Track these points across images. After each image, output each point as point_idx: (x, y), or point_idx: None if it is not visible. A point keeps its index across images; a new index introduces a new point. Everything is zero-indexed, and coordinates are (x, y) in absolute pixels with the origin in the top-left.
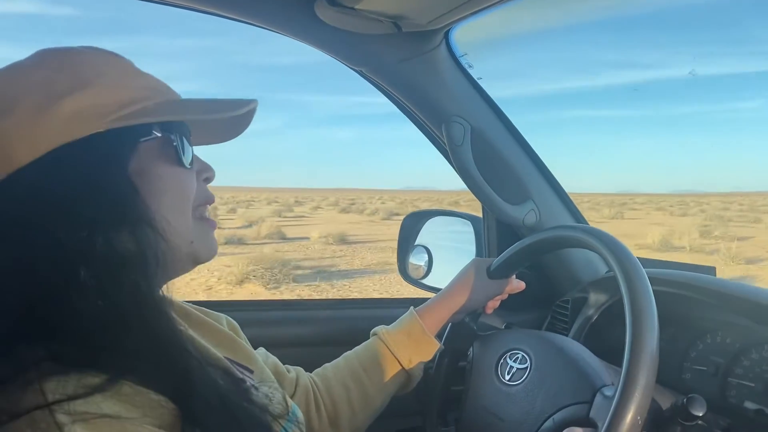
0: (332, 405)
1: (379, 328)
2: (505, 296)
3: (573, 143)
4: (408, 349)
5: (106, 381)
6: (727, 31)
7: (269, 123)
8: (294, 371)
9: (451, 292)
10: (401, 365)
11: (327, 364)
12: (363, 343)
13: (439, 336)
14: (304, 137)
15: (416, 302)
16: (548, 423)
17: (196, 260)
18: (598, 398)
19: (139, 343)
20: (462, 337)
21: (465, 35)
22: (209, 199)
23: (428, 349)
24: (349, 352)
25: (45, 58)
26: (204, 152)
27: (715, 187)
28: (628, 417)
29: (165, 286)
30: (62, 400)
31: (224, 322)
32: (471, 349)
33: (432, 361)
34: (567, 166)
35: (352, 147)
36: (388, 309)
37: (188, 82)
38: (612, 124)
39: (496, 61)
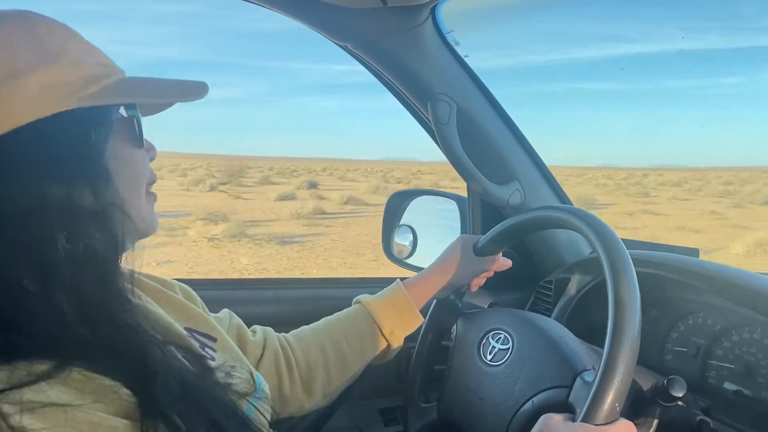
0: (307, 368)
1: (363, 297)
2: (491, 274)
3: (559, 116)
4: (391, 319)
5: (53, 368)
6: (713, 7)
7: (253, 89)
8: (261, 332)
9: (438, 267)
10: (383, 334)
11: (305, 327)
12: (345, 310)
13: (423, 312)
14: (288, 105)
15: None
16: (528, 405)
17: (142, 236)
18: (577, 383)
19: (94, 331)
20: (446, 313)
21: (452, 11)
22: (155, 178)
23: (412, 321)
24: (329, 317)
25: (3, 21)
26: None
27: (694, 162)
28: (606, 404)
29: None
30: (6, 389)
31: (177, 289)
32: (455, 326)
33: (415, 336)
34: (553, 139)
35: (334, 116)
36: (365, 289)
37: (168, 48)
38: (597, 97)
39: (484, 35)
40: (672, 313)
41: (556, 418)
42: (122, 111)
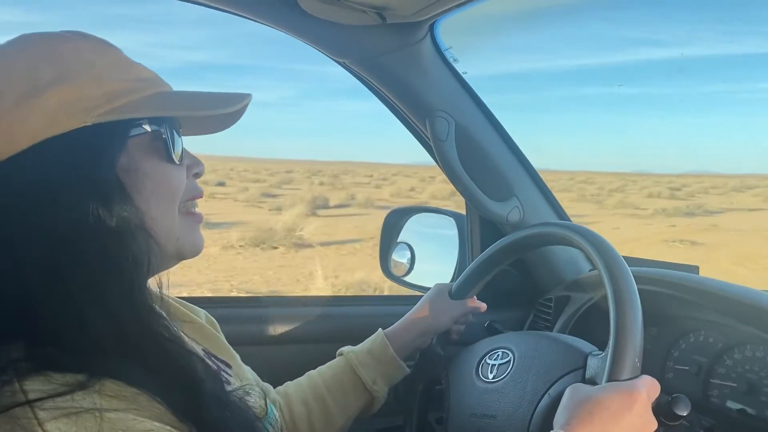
0: (292, 423)
1: (346, 349)
2: (468, 318)
3: (590, 121)
4: (373, 370)
5: (87, 379)
6: (750, 9)
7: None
8: (264, 386)
9: (415, 314)
10: (365, 386)
11: (289, 383)
12: (327, 363)
13: (408, 359)
14: (319, 109)
15: (407, 300)
16: (545, 400)
17: (181, 256)
18: (590, 360)
19: (126, 345)
20: (431, 363)
21: (451, 28)
22: (198, 194)
23: (394, 371)
24: (312, 371)
25: (29, 44)
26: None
27: (733, 169)
28: (628, 359)
29: (156, 281)
30: (43, 397)
31: (203, 316)
32: (444, 373)
33: (413, 356)
34: (577, 143)
35: (363, 119)
36: (372, 306)
37: (199, 52)
38: (627, 101)
39: (480, 56)
40: (673, 331)
41: (583, 385)
42: (146, 125)
